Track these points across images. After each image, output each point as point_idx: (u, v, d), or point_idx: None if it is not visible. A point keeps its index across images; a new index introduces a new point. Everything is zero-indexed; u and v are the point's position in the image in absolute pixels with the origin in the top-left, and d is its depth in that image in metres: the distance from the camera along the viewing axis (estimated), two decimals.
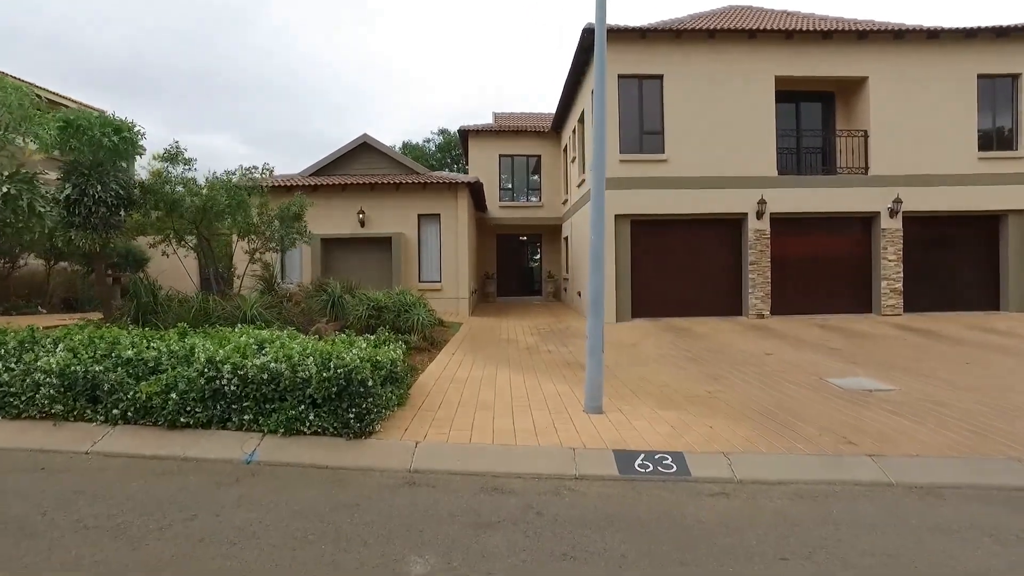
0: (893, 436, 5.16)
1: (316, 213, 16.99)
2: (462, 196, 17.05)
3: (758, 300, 14.46)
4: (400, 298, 10.32)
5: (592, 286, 5.73)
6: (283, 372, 4.58)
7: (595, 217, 5.69)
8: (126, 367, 4.99)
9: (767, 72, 14.33)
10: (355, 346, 5.38)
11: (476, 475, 4.25)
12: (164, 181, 9.03)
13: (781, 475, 4.34)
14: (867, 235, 14.95)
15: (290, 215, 10.51)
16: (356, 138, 18.07)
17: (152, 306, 8.28)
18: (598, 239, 5.69)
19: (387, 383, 5.35)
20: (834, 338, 11.32)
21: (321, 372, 4.55)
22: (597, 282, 5.73)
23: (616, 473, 4.33)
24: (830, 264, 14.92)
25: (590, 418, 5.62)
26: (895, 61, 14.34)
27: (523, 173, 24.18)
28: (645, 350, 10.24)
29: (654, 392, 6.98)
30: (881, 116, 14.38)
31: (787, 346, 10.42)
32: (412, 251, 17.15)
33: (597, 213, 5.69)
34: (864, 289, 14.93)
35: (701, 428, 5.39)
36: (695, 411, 6.02)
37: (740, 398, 6.63)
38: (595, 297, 5.72)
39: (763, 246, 14.48)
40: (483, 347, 10.54)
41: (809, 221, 14.83)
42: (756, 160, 14.35)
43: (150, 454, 4.47)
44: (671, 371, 8.28)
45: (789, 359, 9.13)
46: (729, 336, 11.78)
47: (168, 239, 9.80)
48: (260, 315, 8.37)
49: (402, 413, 5.55)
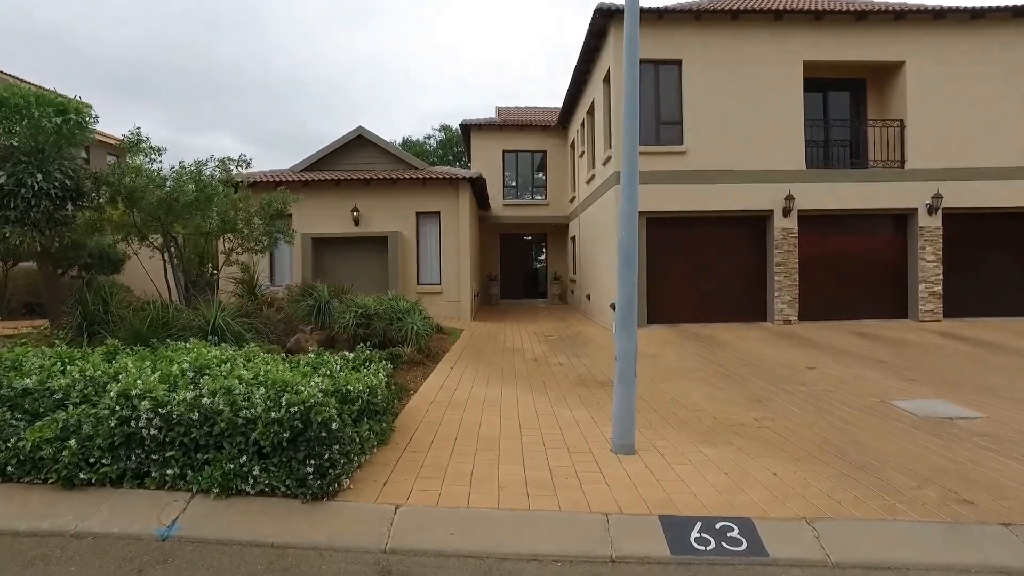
0: (1015, 490, 3.99)
1: (307, 211, 15.93)
2: (463, 192, 15.91)
3: (784, 305, 13.28)
4: (392, 304, 9.17)
5: (622, 293, 4.58)
6: (220, 411, 3.44)
7: (626, 209, 4.54)
8: (23, 399, 3.86)
9: (795, 56, 13.15)
10: (322, 370, 4.24)
11: (476, 557, 3.10)
12: (122, 172, 7.89)
13: (892, 555, 3.18)
14: (902, 234, 13.74)
15: (272, 211, 9.36)
16: (351, 131, 16.95)
17: (102, 315, 7.16)
18: (629, 236, 4.54)
19: (363, 419, 4.21)
20: (875, 348, 10.13)
21: (269, 411, 3.41)
22: (628, 288, 4.57)
23: (667, 553, 3.17)
24: (861, 266, 13.72)
25: (620, 461, 4.46)
26: (935, 44, 13.14)
27: (528, 170, 23.03)
28: (667, 362, 9.08)
29: (689, 419, 5.83)
30: (919, 104, 13.18)
31: (826, 358, 9.24)
32: (410, 251, 16.02)
33: (629, 203, 4.54)
34: (899, 293, 13.73)
35: (762, 474, 4.23)
36: (747, 448, 4.87)
37: (795, 428, 5.47)
38: (626, 307, 4.57)
39: (790, 246, 13.30)
40: (486, 358, 9.40)
41: (839, 219, 13.64)
42: (783, 152, 13.18)
43: (26, 529, 3.28)
44: (703, 390, 7.12)
45: (835, 374, 7.96)
46: (758, 345, 10.60)
47: (128, 238, 8.66)
48: (228, 326, 7.23)
49: (382, 456, 4.40)
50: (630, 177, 4.58)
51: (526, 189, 23.27)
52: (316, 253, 15.92)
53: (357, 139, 16.90)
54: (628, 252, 4.54)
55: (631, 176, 4.59)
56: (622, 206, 4.56)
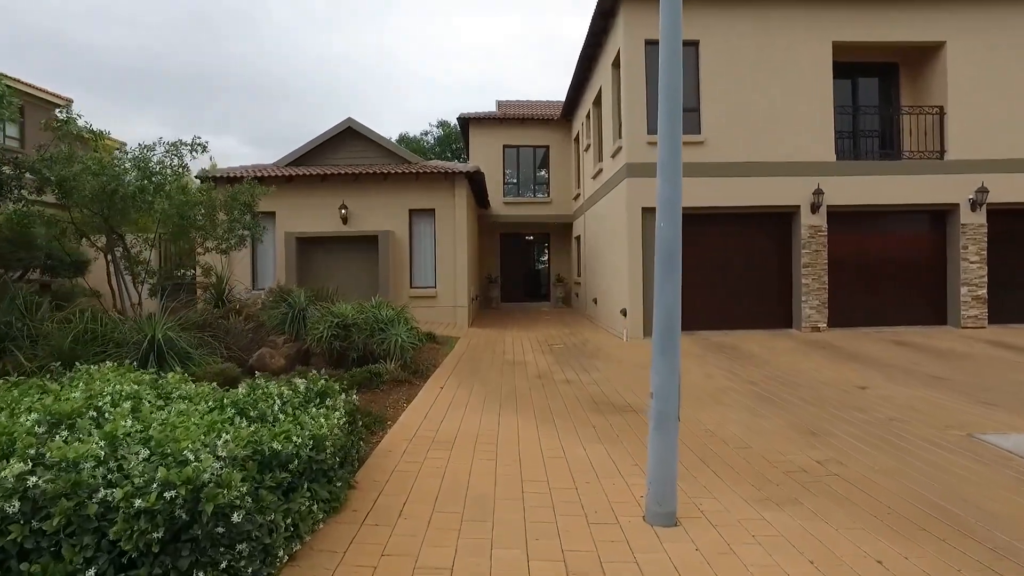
0: None
1: (292, 208, 14.75)
2: (460, 188, 14.71)
3: (812, 310, 12.06)
4: (375, 312, 7.97)
5: (661, 306, 3.37)
6: (56, 495, 2.24)
7: (665, 192, 3.33)
8: None
9: (825, 36, 11.93)
10: (256, 408, 3.04)
11: None
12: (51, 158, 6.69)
13: None
14: (940, 231, 12.52)
15: (238, 205, 8.15)
16: (339, 123, 15.74)
17: (21, 328, 5.96)
18: (671, 227, 3.33)
19: (301, 486, 3.00)
20: (923, 360, 8.91)
21: (131, 498, 2.21)
22: (669, 299, 3.36)
23: None
24: (894, 267, 12.49)
25: (660, 539, 3.25)
26: (980, 23, 11.92)
27: (529, 166, 21.84)
28: (692, 379, 7.88)
29: (735, 461, 4.62)
30: (961, 89, 11.95)
31: (873, 373, 8.03)
32: (403, 252, 14.81)
33: (669, 185, 3.33)
34: (936, 296, 12.50)
35: (862, 563, 3.01)
36: (823, 511, 3.66)
37: (875, 477, 4.25)
38: (666, 325, 3.36)
39: (819, 245, 12.08)
40: (482, 375, 8.19)
41: (870, 216, 12.43)
42: (810, 142, 11.96)
43: None
44: (742, 417, 5.90)
45: (894, 396, 6.73)
46: (790, 358, 9.39)
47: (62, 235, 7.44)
48: (174, 340, 6.03)
49: (331, 532, 3.19)
50: (671, 152, 3.37)
51: (528, 186, 22.08)
52: (301, 254, 14.72)
53: (346, 131, 15.69)
54: (669, 249, 3.33)
55: (672, 151, 3.37)
56: (660, 188, 3.36)
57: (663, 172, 3.39)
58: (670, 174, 3.37)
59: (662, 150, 3.40)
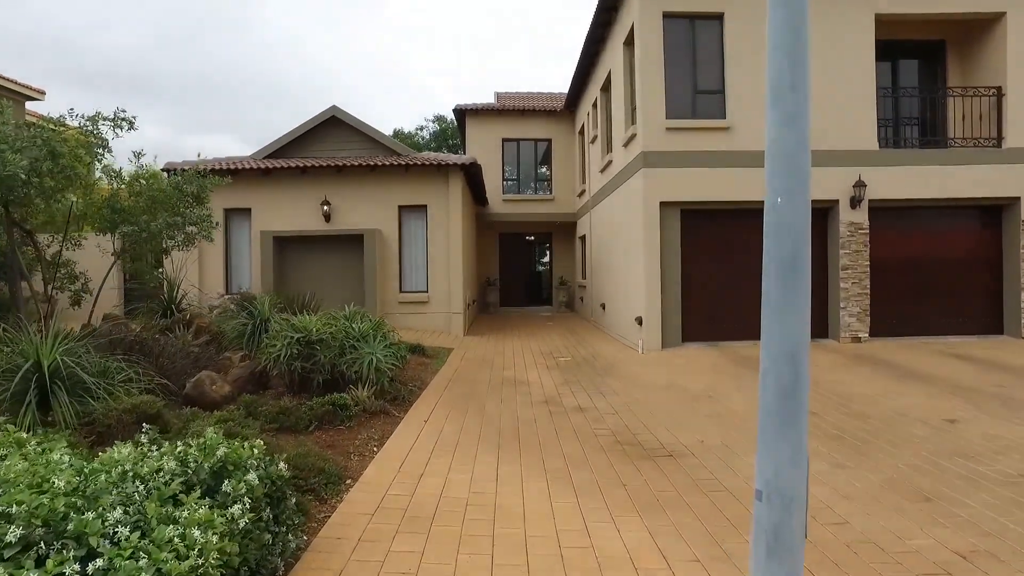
0: None
1: (268, 204, 13.34)
2: (455, 182, 13.28)
3: (853, 318, 10.64)
4: (346, 325, 6.53)
5: (775, 336, 1.97)
6: None
7: (774, 167, 1.90)
8: None
9: (866, 8, 10.53)
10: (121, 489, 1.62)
11: None
12: None
13: None
14: (996, 229, 11.08)
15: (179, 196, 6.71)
16: (323, 111, 14.34)
17: None
18: (790, 204, 1.90)
19: None
20: (1004, 380, 7.48)
21: None
22: (792, 326, 1.94)
23: None
24: (942, 268, 11.04)
25: None
26: None
27: (530, 161, 20.45)
28: (733, 406, 6.46)
29: (831, 544, 3.18)
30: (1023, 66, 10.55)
31: (954, 399, 6.59)
32: (391, 252, 13.39)
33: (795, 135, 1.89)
34: (992, 302, 11.05)
35: None
36: None
37: None
38: (790, 370, 1.94)
39: (859, 244, 10.65)
40: (477, 401, 6.75)
41: (914, 211, 11.00)
42: (850, 129, 10.52)
43: None
44: (820, 469, 4.45)
45: (1001, 436, 5.29)
46: (839, 376, 7.97)
47: None
48: (74, 366, 4.60)
49: None
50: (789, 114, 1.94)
51: (528, 183, 20.69)
52: (279, 255, 13.30)
53: (331, 120, 14.32)
54: (794, 243, 1.91)
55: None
56: (768, 164, 1.95)
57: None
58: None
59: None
